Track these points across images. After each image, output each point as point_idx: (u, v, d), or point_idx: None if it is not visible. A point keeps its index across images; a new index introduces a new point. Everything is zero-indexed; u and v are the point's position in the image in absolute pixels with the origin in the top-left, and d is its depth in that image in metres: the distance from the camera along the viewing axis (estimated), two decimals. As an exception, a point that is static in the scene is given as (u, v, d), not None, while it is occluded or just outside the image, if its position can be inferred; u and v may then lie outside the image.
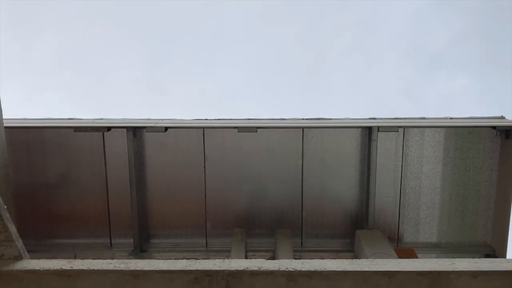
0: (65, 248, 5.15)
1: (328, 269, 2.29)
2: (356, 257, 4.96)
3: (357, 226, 5.21)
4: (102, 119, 5.02)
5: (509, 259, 2.37)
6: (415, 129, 5.02)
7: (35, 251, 2.36)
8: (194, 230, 5.31)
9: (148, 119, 4.94)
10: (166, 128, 4.74)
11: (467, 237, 5.17)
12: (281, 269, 2.29)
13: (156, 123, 4.74)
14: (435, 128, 5.01)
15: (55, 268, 2.25)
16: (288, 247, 4.87)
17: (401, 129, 4.97)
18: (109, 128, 4.80)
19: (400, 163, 5.08)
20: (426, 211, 5.21)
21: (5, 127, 4.10)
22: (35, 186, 5.14)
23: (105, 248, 5.28)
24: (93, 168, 5.11)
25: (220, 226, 5.31)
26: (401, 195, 5.15)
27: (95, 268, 2.26)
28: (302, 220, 5.30)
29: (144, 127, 4.80)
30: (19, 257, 2.35)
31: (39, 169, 5.12)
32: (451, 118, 5.01)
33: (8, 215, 2.31)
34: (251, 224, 5.31)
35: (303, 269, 2.29)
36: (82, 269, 2.25)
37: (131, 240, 5.19)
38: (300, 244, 5.35)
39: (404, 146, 5.05)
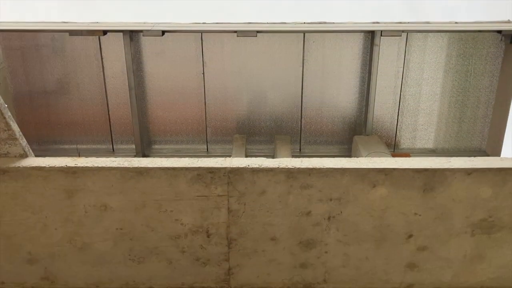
0: (68, 153, 5.25)
1: (326, 166, 2.35)
2: (353, 161, 5.07)
3: (355, 132, 5.29)
4: (97, 22, 4.87)
5: (503, 157, 2.43)
6: (418, 34, 4.90)
7: (38, 156, 2.41)
8: (194, 136, 5.39)
9: (144, 23, 4.79)
10: (163, 32, 4.62)
11: (463, 143, 5.26)
12: (280, 167, 2.36)
13: (153, 26, 4.60)
14: (439, 33, 4.88)
15: (60, 166, 2.31)
16: (287, 152, 4.97)
17: (404, 34, 4.84)
18: (105, 32, 4.67)
19: (401, 69, 5.02)
20: (424, 118, 5.25)
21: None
22: (34, 92, 5.12)
23: (107, 154, 5.39)
24: (91, 74, 5.05)
25: (220, 132, 5.38)
26: (401, 101, 5.16)
27: (100, 166, 2.32)
28: (301, 127, 5.36)
29: (141, 31, 4.67)
30: (24, 155, 2.40)
31: (36, 75, 5.06)
32: (456, 23, 4.87)
33: (9, 113, 2.32)
34: (251, 130, 5.38)
35: (302, 166, 2.36)
36: (87, 166, 2.31)
37: (133, 146, 5.28)
38: (298, 150, 5.46)
39: (406, 51, 4.96)
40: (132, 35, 4.84)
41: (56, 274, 2.61)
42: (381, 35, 4.76)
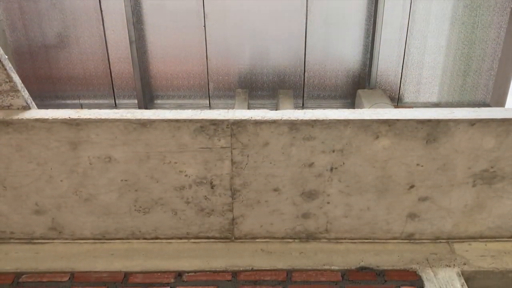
0: (70, 108, 5.24)
1: (330, 118, 2.35)
2: (356, 115, 5.06)
3: (358, 86, 5.25)
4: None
5: (507, 108, 2.42)
6: (425, -16, 4.78)
7: (42, 108, 2.42)
8: (196, 91, 5.37)
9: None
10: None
11: (467, 96, 5.23)
12: (283, 118, 2.35)
13: (153, -23, 4.48)
14: (446, -17, 4.76)
15: (63, 117, 2.31)
16: (290, 106, 4.96)
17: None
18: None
19: (407, 21, 4.92)
20: (428, 71, 5.19)
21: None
22: (33, 47, 5.06)
23: (109, 109, 5.37)
24: (91, 27, 4.98)
25: (222, 86, 5.35)
26: (405, 54, 5.09)
27: (103, 117, 2.32)
28: (304, 81, 5.31)
29: (140, -18, 4.57)
30: (27, 107, 2.40)
31: (35, 29, 4.99)
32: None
33: (10, 65, 2.30)
34: (254, 85, 5.34)
35: (305, 118, 2.35)
36: (90, 118, 2.31)
37: (135, 101, 5.27)
38: (301, 105, 5.44)
39: (412, 2, 4.84)
40: (131, -14, 4.74)
41: (63, 224, 2.67)
42: (387, -15, 4.64)
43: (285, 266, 2.59)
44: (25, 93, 2.38)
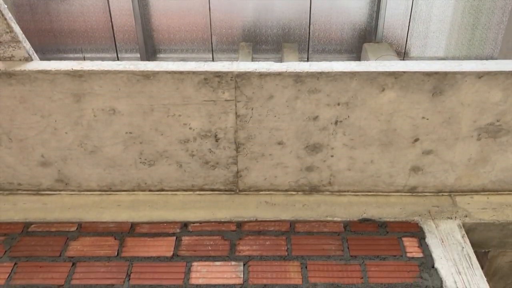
0: (73, 62, 5.19)
1: (335, 70, 2.32)
2: (361, 70, 5.00)
3: (364, 40, 5.15)
4: None
5: (517, 61, 2.38)
6: None
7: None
8: (199, 45, 5.29)
9: None
10: None
11: (475, 51, 5.14)
12: (288, 70, 2.32)
13: None
14: None
15: (66, 69, 2.29)
16: (295, 60, 4.90)
17: None
18: None
19: (416, -29, 4.78)
20: (436, 25, 5.07)
21: None
22: (33, -2, 4.96)
23: (112, 63, 5.32)
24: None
25: (226, 40, 5.26)
26: (413, 7, 4.96)
27: (106, 69, 2.29)
28: (309, 35, 5.22)
29: None
30: (29, 59, 2.37)
31: (34, -21, 4.88)
32: None
33: (10, 15, 2.25)
34: (258, 38, 5.25)
35: (310, 70, 2.32)
36: (93, 70, 2.29)
37: (138, 55, 5.22)
38: (306, 59, 5.37)
39: (423, -48, 4.68)
40: None
41: (70, 176, 2.70)
42: None
43: (289, 217, 2.64)
44: (27, 44, 2.35)
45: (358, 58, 5.22)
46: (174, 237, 2.51)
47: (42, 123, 2.47)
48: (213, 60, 5.38)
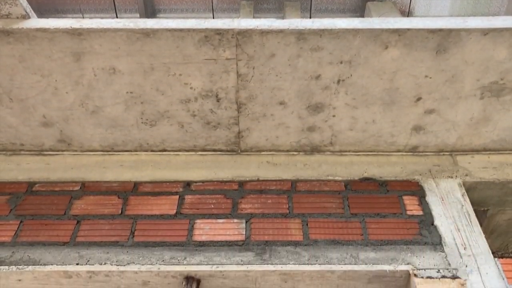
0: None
1: (338, 27, 2.27)
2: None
3: (368, -1, 5.04)
4: None
5: (524, 17, 2.33)
6: None
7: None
8: (200, 4, 5.18)
9: None
10: None
11: (481, 9, 5.03)
12: (291, 28, 2.28)
13: None
14: None
15: (65, 27, 2.25)
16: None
17: None
18: None
19: None
20: (442, -18, 4.95)
21: None
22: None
23: (111, 23, 5.22)
24: None
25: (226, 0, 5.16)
26: (419, -36, 4.83)
27: (105, 27, 2.26)
28: (311, -6, 5.11)
29: None
30: (26, 16, 2.33)
31: None
32: None
33: (5, -30, 2.20)
34: (259, -2, 5.14)
35: (313, 27, 2.28)
36: (92, 28, 2.25)
37: (137, 15, 5.12)
38: (309, 18, 5.27)
39: None
40: None
41: (72, 136, 2.70)
42: None
43: (290, 176, 2.66)
44: (24, 1, 2.31)
45: (361, 17, 5.11)
46: (177, 196, 2.54)
47: (42, 83, 2.45)
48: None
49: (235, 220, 2.41)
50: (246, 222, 2.40)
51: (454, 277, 2.16)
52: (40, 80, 2.44)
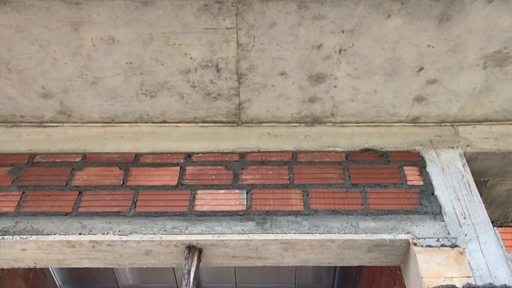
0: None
1: (340, -5, 2.24)
2: None
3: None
4: None
5: (529, -16, 2.28)
6: None
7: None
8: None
9: None
10: None
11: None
12: (292, -4, 2.25)
13: None
14: None
15: (62, -4, 2.22)
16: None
17: None
18: None
19: None
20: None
21: None
22: None
23: None
24: None
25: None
26: None
27: (103, -4, 2.23)
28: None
29: None
30: (23, -15, 2.29)
31: None
32: None
33: None
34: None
35: (314, -4, 2.24)
36: (90, -4, 2.22)
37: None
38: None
39: None
40: None
41: (72, 108, 2.69)
42: None
43: (291, 148, 2.66)
44: (20, -30, 2.26)
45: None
46: (178, 167, 2.55)
47: (41, 53, 2.42)
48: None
49: (236, 191, 2.42)
50: (247, 192, 2.41)
51: (453, 246, 2.18)
52: (39, 51, 2.41)
